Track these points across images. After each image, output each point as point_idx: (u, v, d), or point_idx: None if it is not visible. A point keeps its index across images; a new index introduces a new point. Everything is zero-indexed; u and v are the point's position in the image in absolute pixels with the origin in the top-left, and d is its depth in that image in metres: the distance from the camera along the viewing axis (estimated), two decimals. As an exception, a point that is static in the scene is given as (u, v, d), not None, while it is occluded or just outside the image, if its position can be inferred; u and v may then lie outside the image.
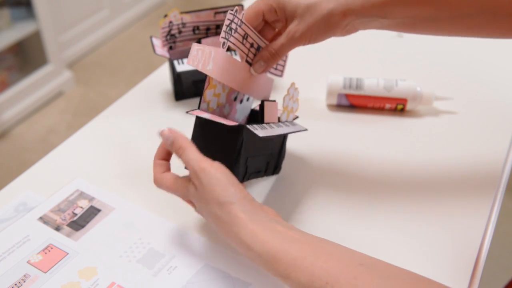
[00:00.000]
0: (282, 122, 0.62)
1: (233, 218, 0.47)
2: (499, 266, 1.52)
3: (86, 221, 0.60)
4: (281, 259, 0.43)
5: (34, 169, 0.69)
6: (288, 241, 0.45)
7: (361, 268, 0.41)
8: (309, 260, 0.42)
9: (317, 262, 0.42)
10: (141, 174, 0.67)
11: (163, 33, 0.76)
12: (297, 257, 0.43)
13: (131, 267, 0.55)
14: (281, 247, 0.44)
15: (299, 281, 0.42)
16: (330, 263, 0.42)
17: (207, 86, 0.55)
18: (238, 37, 0.56)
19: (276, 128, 0.58)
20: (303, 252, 0.43)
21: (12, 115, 2.07)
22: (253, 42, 0.58)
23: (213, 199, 0.48)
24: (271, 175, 0.65)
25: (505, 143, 0.72)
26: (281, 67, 0.67)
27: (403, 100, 0.76)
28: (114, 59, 2.52)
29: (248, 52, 0.58)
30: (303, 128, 0.63)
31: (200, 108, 0.56)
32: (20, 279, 0.53)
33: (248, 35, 0.57)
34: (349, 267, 0.41)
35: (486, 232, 0.59)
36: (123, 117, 0.78)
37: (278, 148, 0.63)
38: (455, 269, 0.54)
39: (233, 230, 0.47)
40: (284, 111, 0.62)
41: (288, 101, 0.62)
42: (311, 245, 0.44)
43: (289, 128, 0.61)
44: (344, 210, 0.62)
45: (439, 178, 0.66)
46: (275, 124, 0.60)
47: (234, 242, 0.48)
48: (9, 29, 2.03)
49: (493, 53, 0.93)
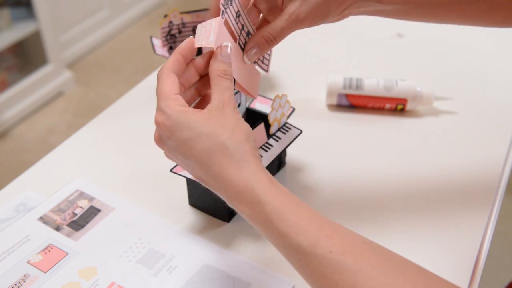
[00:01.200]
0: (275, 135, 0.60)
1: (245, 157, 0.42)
2: (499, 266, 1.52)
3: (86, 221, 0.60)
4: (285, 216, 0.39)
5: (34, 169, 0.69)
6: (296, 203, 0.41)
7: (366, 246, 0.39)
8: (314, 225, 0.39)
9: (323, 230, 0.39)
10: (141, 174, 0.67)
11: (163, 33, 0.76)
12: (302, 219, 0.39)
13: (131, 267, 0.54)
14: (289, 205, 0.40)
15: (298, 244, 0.39)
16: (335, 234, 0.39)
17: None
18: (233, 12, 0.49)
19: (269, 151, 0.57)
20: (310, 217, 0.40)
21: (12, 115, 2.07)
22: (244, 24, 0.51)
23: (237, 130, 0.42)
24: (276, 172, 0.65)
25: (505, 143, 0.72)
26: (266, 61, 0.60)
27: (403, 100, 0.76)
28: (114, 59, 2.52)
29: (240, 35, 0.51)
30: (298, 132, 0.62)
31: None
32: (20, 279, 0.53)
33: (241, 14, 0.50)
34: (355, 243, 0.39)
35: (486, 232, 0.59)
36: (123, 117, 0.78)
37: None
38: (455, 269, 0.54)
39: (240, 167, 0.41)
40: (273, 123, 0.60)
41: (275, 114, 0.59)
42: (317, 215, 0.41)
43: (283, 141, 0.60)
44: (343, 210, 0.62)
45: (439, 178, 0.66)
46: (267, 145, 0.59)
47: (233, 182, 0.42)
48: (9, 29, 2.03)
49: (493, 53, 0.93)
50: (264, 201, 0.40)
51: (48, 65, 2.18)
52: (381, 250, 0.40)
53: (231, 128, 0.42)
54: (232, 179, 0.41)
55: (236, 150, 0.42)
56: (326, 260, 0.38)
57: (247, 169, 0.41)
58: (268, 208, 0.40)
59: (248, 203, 0.41)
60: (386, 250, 0.41)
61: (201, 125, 0.42)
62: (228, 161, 0.42)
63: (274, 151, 0.58)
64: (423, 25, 1.02)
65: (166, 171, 0.65)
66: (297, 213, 0.40)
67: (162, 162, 0.68)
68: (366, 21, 0.61)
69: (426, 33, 0.99)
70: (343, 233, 0.40)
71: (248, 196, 0.41)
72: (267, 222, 0.40)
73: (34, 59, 2.17)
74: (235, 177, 0.41)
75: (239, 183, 0.41)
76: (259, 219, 0.41)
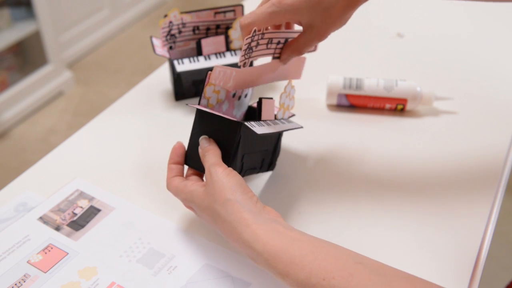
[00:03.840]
0: (278, 119, 0.62)
1: (236, 217, 0.48)
2: (499, 266, 1.52)
3: (86, 221, 0.60)
4: (281, 258, 0.44)
5: (34, 169, 0.69)
6: (288, 241, 0.46)
7: (358, 266, 0.42)
8: (307, 258, 0.44)
9: (315, 260, 0.43)
10: (141, 174, 0.67)
11: (163, 33, 0.76)
12: (296, 256, 0.44)
13: (131, 267, 0.55)
14: (281, 247, 0.45)
15: (297, 279, 0.43)
16: (327, 261, 0.43)
17: (207, 83, 0.56)
18: (262, 46, 0.57)
19: (273, 126, 0.59)
20: (302, 251, 0.44)
21: (12, 115, 2.07)
22: (279, 39, 0.59)
23: (220, 195, 0.49)
24: (265, 171, 0.66)
25: (505, 143, 0.72)
26: None
27: (403, 100, 0.76)
28: (114, 59, 2.52)
29: (275, 50, 0.60)
30: (299, 126, 0.64)
31: (200, 103, 0.57)
32: (20, 279, 0.53)
33: (272, 38, 0.58)
34: (346, 265, 0.43)
35: (486, 232, 0.59)
36: (123, 117, 0.78)
37: (273, 145, 0.63)
38: (455, 269, 0.54)
39: (235, 229, 0.48)
40: (280, 108, 0.62)
41: (284, 99, 0.62)
42: (310, 244, 0.45)
43: (285, 125, 0.62)
44: (343, 210, 0.62)
45: (439, 178, 0.66)
46: (271, 121, 0.60)
47: (235, 241, 0.48)
48: (9, 29, 2.03)
49: (493, 53, 0.93)
50: (260, 252, 0.46)
51: (48, 65, 2.18)
52: (374, 267, 0.43)
53: (217, 196, 0.50)
54: (231, 239, 0.49)
55: (227, 214, 0.49)
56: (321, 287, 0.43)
57: (238, 228, 0.48)
58: (266, 256, 0.46)
59: (247, 254, 0.48)
60: (380, 265, 0.44)
61: (201, 200, 0.52)
62: (224, 225, 0.49)
63: (275, 128, 0.59)
64: (423, 25, 1.02)
65: (166, 171, 0.65)
66: (290, 251, 0.45)
67: (163, 162, 0.68)
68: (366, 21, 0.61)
69: (426, 33, 0.99)
70: (337, 256, 0.44)
71: (244, 250, 0.48)
72: (270, 268, 0.46)
73: (34, 59, 2.17)
74: (232, 237, 0.49)
75: (236, 244, 0.48)
76: (261, 264, 0.47)
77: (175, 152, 0.58)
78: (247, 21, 0.55)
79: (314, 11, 0.54)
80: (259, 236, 0.46)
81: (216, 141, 0.56)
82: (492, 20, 1.03)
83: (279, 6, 0.54)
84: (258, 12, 0.55)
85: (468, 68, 0.89)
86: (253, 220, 0.47)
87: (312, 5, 0.54)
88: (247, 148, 0.58)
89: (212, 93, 0.57)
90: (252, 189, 0.64)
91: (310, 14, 0.54)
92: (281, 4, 0.54)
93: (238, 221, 0.48)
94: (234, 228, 0.48)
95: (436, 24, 1.01)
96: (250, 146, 0.58)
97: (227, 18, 0.79)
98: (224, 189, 0.50)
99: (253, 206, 0.49)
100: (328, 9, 0.54)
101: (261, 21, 0.55)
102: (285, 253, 0.45)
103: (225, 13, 0.79)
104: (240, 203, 0.49)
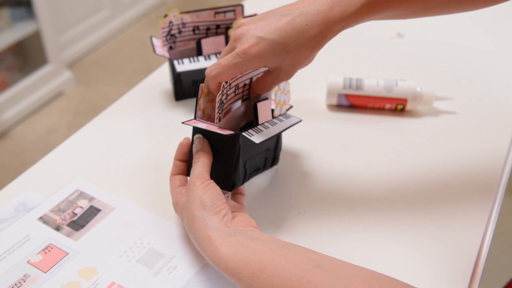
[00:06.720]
0: (276, 117, 0.62)
1: (200, 234, 0.49)
2: (499, 266, 1.52)
3: (86, 221, 0.60)
4: (243, 273, 0.45)
5: (34, 169, 0.69)
6: (250, 254, 0.46)
7: (316, 270, 0.43)
8: (267, 270, 0.44)
9: (275, 271, 0.44)
10: (141, 174, 0.67)
11: (163, 33, 0.76)
12: (257, 269, 0.45)
13: (131, 267, 0.55)
14: (243, 262, 0.46)
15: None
16: (286, 269, 0.44)
17: (200, 95, 0.56)
18: (231, 95, 0.58)
19: (271, 128, 0.59)
20: (263, 262, 0.45)
21: (12, 115, 2.07)
22: (246, 81, 0.59)
23: (190, 211, 0.51)
24: (270, 168, 0.66)
25: (505, 143, 0.72)
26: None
27: (403, 100, 0.76)
28: (114, 59, 2.52)
29: (243, 92, 0.60)
30: (298, 120, 0.63)
31: (196, 116, 0.57)
32: (20, 279, 0.53)
33: (238, 83, 0.58)
34: (305, 271, 0.43)
35: (486, 232, 0.59)
36: (123, 117, 0.78)
37: (274, 143, 0.63)
38: (455, 269, 0.54)
39: (201, 246, 0.49)
40: (277, 105, 0.62)
41: (280, 95, 0.62)
42: (271, 254, 0.46)
43: (284, 123, 0.61)
44: (343, 210, 0.62)
45: (439, 178, 0.66)
46: (269, 122, 0.60)
47: (204, 256, 0.50)
48: (9, 29, 2.03)
49: (493, 53, 0.93)
50: (223, 269, 0.47)
51: (48, 65, 2.18)
52: (332, 270, 0.43)
53: (188, 212, 0.51)
54: (202, 254, 0.50)
55: (193, 231, 0.50)
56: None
57: (203, 245, 0.49)
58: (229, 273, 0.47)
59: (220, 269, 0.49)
60: (339, 266, 0.44)
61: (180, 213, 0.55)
62: (193, 240, 0.51)
63: (273, 130, 0.58)
64: (423, 25, 1.02)
65: (166, 171, 0.65)
66: (251, 265, 0.45)
67: (163, 162, 0.68)
68: (366, 21, 0.62)
69: (426, 33, 0.99)
70: (296, 262, 0.44)
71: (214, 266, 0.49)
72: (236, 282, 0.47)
73: (34, 59, 2.17)
74: (202, 252, 0.50)
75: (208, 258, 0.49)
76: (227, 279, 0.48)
77: (181, 149, 0.59)
78: (213, 73, 0.54)
79: (280, 57, 0.54)
80: (222, 253, 0.47)
81: (216, 153, 0.56)
82: (492, 20, 1.03)
83: (244, 57, 0.53)
84: (224, 63, 0.54)
85: (468, 68, 0.89)
86: (216, 237, 0.48)
87: (277, 53, 0.54)
88: (248, 154, 0.58)
89: (207, 103, 0.57)
90: (252, 189, 0.64)
91: (276, 60, 0.55)
92: (246, 54, 0.53)
93: (202, 238, 0.49)
94: (200, 245, 0.49)
95: (436, 24, 1.01)
96: (251, 151, 0.58)
97: (227, 18, 0.79)
98: (195, 205, 0.51)
99: (219, 221, 0.50)
100: (294, 53, 0.54)
101: (227, 73, 0.54)
102: (247, 267, 0.45)
103: (225, 13, 0.79)
104: (206, 219, 0.49)
